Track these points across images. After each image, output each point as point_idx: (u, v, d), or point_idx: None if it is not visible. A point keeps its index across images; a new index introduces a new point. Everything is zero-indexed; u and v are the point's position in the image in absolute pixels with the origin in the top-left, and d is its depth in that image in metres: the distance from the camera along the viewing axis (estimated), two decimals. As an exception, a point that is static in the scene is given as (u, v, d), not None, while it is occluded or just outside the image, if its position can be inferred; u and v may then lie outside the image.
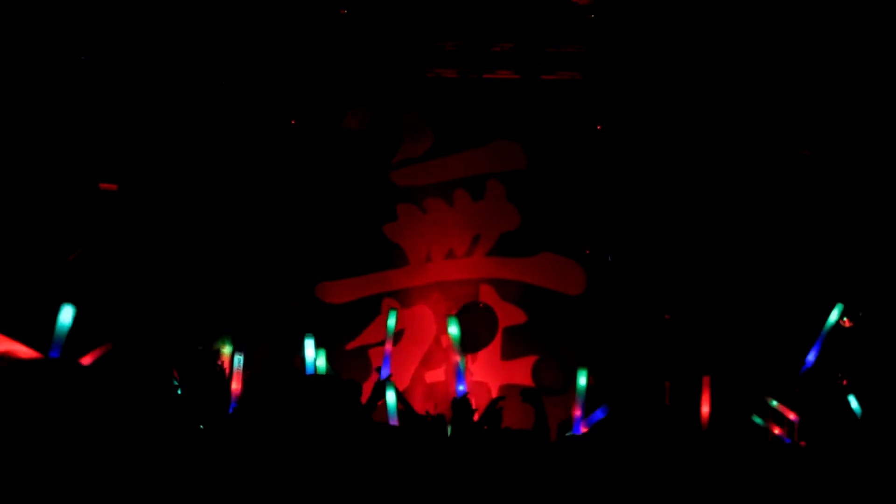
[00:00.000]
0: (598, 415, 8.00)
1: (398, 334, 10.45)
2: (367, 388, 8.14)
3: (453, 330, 8.61)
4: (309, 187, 10.60)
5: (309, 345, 8.35)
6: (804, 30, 9.85)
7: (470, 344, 10.03)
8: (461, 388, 8.25)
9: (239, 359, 7.80)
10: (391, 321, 8.89)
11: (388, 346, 8.80)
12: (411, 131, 10.81)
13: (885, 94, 10.00)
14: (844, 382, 9.27)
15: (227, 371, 9.60)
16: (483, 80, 10.66)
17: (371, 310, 10.57)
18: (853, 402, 8.62)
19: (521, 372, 10.44)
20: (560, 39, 10.40)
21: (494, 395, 10.04)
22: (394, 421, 7.70)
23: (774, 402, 8.59)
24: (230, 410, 7.52)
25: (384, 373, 8.33)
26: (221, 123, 10.47)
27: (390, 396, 7.76)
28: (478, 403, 9.00)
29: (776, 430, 8.54)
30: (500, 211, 10.69)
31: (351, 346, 10.46)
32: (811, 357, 8.96)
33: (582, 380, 7.96)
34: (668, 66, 10.30)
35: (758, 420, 8.55)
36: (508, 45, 10.47)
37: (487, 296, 10.56)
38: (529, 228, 10.62)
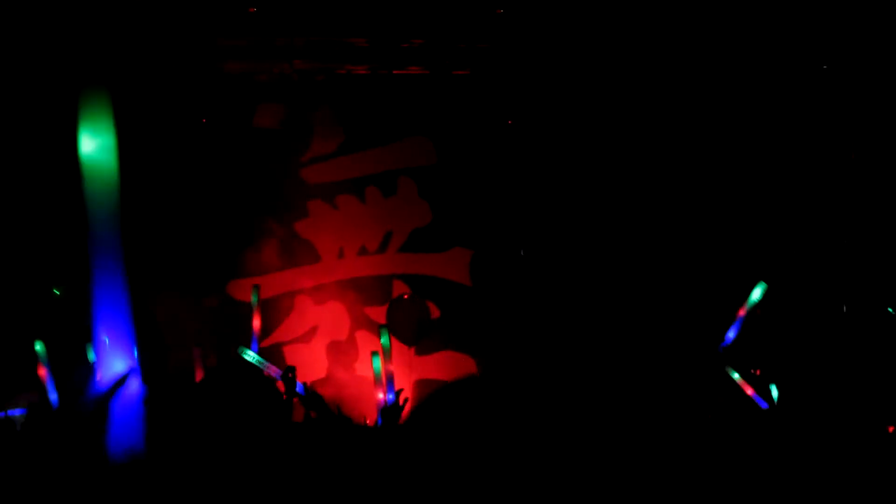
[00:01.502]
0: None
1: (311, 331, 10.51)
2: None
3: (384, 340, 8.70)
4: (220, 186, 10.54)
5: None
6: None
7: (411, 337, 10.07)
8: (390, 396, 8.30)
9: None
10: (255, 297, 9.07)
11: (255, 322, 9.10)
12: (322, 128, 10.81)
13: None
14: (758, 372, 9.44)
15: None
16: (393, 76, 10.69)
17: (285, 307, 10.58)
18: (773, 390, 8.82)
19: (434, 366, 10.50)
20: (471, 35, 10.46)
21: (408, 390, 10.09)
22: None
23: (736, 375, 8.72)
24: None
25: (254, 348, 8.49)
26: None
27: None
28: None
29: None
30: (411, 207, 10.74)
31: (265, 343, 10.43)
32: (731, 334, 9.14)
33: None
34: (576, 59, 10.41)
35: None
36: (418, 40, 10.51)
37: (400, 291, 10.60)
38: (441, 224, 10.69)
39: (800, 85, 10.40)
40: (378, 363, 8.75)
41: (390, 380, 8.51)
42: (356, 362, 10.42)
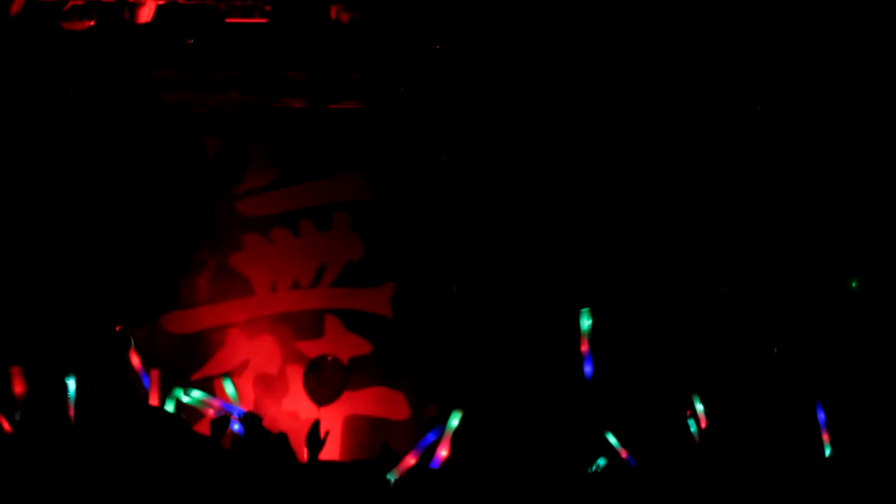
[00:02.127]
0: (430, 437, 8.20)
1: (242, 364, 10.50)
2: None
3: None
4: (153, 216, 10.50)
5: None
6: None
7: (324, 396, 10.05)
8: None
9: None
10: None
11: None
12: (257, 161, 10.81)
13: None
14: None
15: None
16: (329, 110, 10.72)
17: (216, 340, 10.55)
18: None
19: (366, 402, 10.50)
20: (406, 70, 10.52)
21: (340, 426, 10.13)
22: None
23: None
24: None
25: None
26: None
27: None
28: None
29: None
30: (345, 241, 10.75)
31: (196, 376, 10.41)
32: (588, 370, 9.26)
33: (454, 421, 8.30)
34: (511, 94, 10.49)
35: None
36: (354, 75, 10.55)
37: (333, 326, 10.62)
38: (374, 258, 10.71)
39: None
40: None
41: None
42: (285, 397, 10.39)
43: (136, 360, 9.74)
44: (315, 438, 8.02)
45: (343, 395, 10.00)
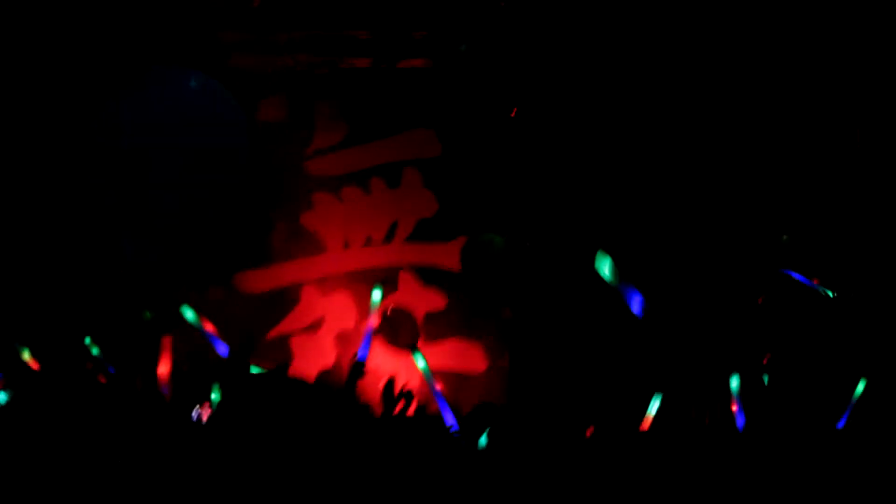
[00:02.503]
0: None
1: (317, 322, 10.53)
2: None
3: (376, 296, 8.78)
4: (225, 178, 10.56)
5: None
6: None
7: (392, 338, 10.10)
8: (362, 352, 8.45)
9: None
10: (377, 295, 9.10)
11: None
12: (325, 121, 10.82)
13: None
14: None
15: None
16: (396, 68, 10.73)
17: (290, 298, 10.58)
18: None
19: (442, 356, 10.49)
20: (474, 26, 10.50)
21: (415, 380, 10.12)
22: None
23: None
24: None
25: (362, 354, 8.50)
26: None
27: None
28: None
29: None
30: (417, 198, 10.75)
31: (272, 335, 10.45)
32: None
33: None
34: (582, 49, 10.44)
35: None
36: (421, 32, 10.54)
37: (407, 282, 10.62)
38: (447, 214, 10.71)
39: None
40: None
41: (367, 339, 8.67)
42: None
43: (209, 326, 9.78)
44: (390, 395, 8.03)
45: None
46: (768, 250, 10.40)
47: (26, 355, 9.25)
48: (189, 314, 9.18)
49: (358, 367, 8.14)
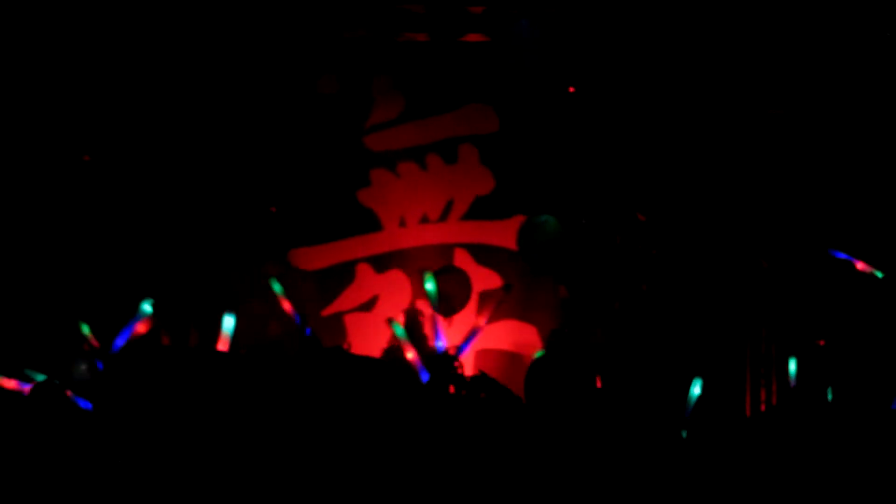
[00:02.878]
0: None
1: (372, 300, 10.49)
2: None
3: (430, 286, 8.68)
4: (281, 152, 10.51)
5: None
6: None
7: (445, 308, 10.02)
8: (440, 343, 8.33)
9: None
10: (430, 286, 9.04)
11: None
12: (383, 95, 10.74)
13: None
14: None
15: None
16: (455, 43, 10.61)
17: (346, 276, 10.54)
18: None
19: (497, 336, 10.43)
20: (530, 1, 10.36)
21: (472, 360, 10.08)
22: None
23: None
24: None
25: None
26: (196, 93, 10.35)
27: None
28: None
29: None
30: (473, 175, 10.66)
31: (326, 312, 10.42)
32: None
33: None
34: (639, 27, 10.28)
35: None
36: (479, 7, 10.41)
37: (462, 260, 10.54)
38: (503, 192, 10.61)
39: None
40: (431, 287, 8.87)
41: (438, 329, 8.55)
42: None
43: (287, 305, 9.80)
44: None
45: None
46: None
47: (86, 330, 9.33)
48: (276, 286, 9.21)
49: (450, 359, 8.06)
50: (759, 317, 10.31)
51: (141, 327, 9.08)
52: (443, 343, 8.40)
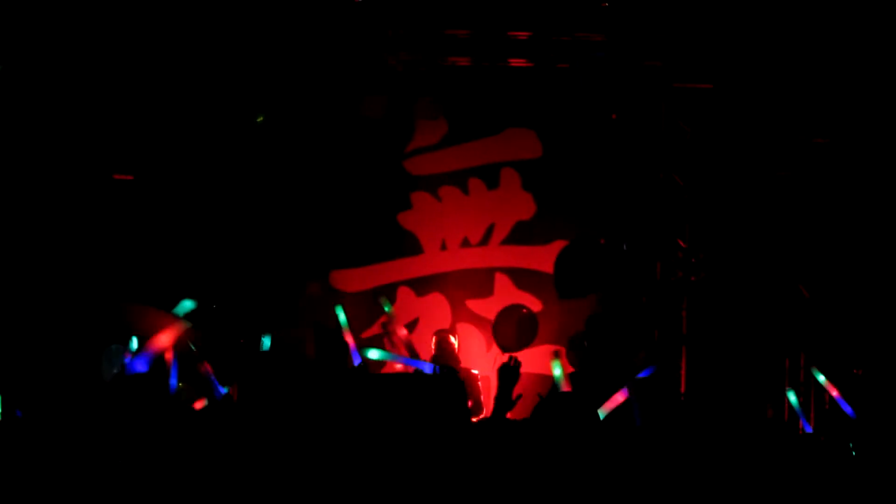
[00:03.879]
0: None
1: (413, 323, 10.51)
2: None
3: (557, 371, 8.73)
4: (323, 175, 10.57)
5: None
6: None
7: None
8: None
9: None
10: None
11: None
12: (425, 119, 10.79)
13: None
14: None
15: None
16: (497, 67, 10.65)
17: (387, 298, 10.54)
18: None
19: (536, 360, 10.41)
20: (574, 28, 10.38)
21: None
22: None
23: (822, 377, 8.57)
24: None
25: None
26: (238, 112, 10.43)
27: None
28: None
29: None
30: (515, 199, 10.70)
31: (366, 334, 10.45)
32: None
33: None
34: (685, 55, 10.29)
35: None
36: (524, 33, 10.44)
37: (502, 284, 10.56)
38: (544, 217, 10.63)
39: None
40: None
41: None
42: (458, 354, 10.37)
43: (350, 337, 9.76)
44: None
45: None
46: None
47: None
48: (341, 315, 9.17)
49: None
50: (798, 343, 10.28)
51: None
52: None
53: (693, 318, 10.40)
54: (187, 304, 7.31)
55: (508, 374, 7.14)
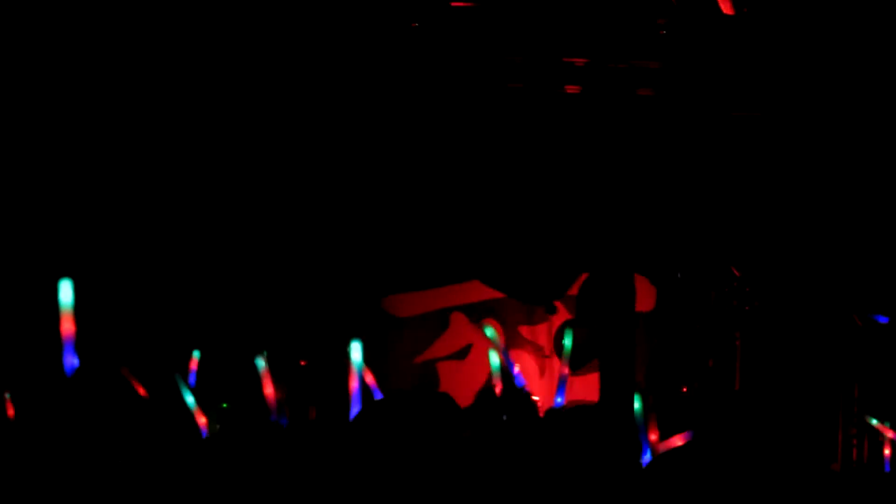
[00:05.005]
0: None
1: (465, 349, 10.49)
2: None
3: (567, 342, 8.69)
4: (376, 199, 10.54)
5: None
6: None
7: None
8: (559, 399, 8.34)
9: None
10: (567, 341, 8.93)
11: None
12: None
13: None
14: None
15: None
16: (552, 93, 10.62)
17: (439, 324, 10.56)
18: None
19: (584, 387, 10.41)
20: (631, 55, 10.38)
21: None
22: None
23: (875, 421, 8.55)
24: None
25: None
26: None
27: None
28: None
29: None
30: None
31: (419, 359, 10.43)
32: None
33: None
34: (743, 84, 10.30)
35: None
36: (582, 59, 10.44)
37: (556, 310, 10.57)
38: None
39: None
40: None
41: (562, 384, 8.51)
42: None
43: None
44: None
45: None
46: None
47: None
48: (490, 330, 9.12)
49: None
50: (851, 374, 10.25)
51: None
52: (562, 399, 8.38)
53: (746, 347, 10.38)
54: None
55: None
